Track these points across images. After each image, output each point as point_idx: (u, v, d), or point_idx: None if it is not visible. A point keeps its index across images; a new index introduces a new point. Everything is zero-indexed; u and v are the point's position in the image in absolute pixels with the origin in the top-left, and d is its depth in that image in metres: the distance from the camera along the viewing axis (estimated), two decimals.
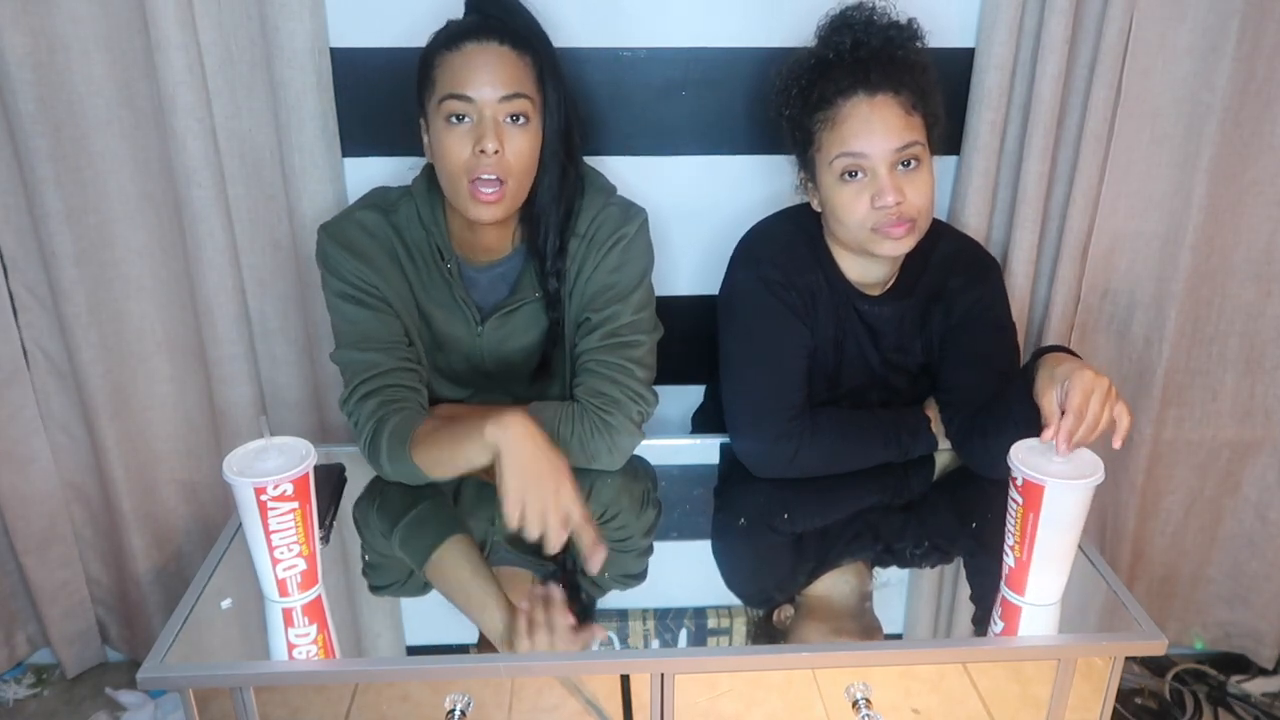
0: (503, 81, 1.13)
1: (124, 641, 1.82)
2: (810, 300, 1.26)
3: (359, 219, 1.24)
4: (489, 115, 1.13)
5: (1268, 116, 1.46)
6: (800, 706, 0.99)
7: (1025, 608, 1.00)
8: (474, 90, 1.12)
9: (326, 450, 1.29)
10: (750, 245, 1.31)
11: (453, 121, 1.14)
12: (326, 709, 0.97)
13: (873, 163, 1.15)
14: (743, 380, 1.26)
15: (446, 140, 1.14)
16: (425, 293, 1.26)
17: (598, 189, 1.28)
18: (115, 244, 1.48)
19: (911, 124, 1.16)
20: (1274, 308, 1.59)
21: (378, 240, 1.23)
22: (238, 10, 1.36)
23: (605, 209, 1.25)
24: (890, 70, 1.16)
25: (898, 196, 1.15)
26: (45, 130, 1.37)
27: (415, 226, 1.24)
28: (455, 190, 1.16)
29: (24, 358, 1.57)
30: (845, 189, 1.18)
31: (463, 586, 1.08)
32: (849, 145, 1.16)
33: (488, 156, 1.12)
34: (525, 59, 1.15)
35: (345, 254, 1.21)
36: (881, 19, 1.20)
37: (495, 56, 1.13)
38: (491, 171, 1.13)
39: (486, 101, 1.12)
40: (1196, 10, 1.40)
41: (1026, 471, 0.95)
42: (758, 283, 1.25)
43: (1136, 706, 1.78)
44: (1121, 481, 1.67)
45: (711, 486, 1.29)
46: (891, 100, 1.15)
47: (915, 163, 1.16)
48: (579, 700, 0.98)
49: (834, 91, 1.17)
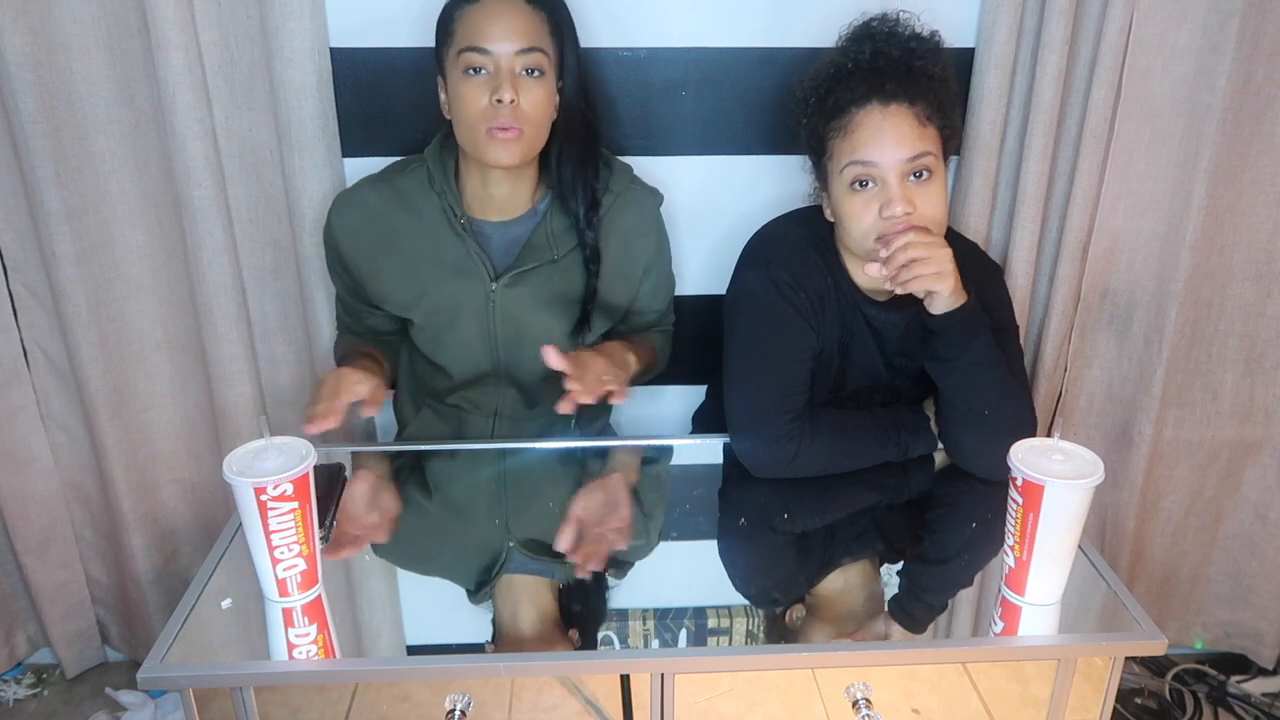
0: (519, 35, 1.18)
1: (124, 641, 1.82)
2: (818, 304, 1.26)
3: (365, 195, 1.31)
4: (505, 67, 1.18)
5: (1268, 116, 1.46)
6: (800, 706, 0.99)
7: (1025, 608, 1.00)
8: (491, 43, 1.17)
9: (326, 450, 1.29)
10: (760, 246, 1.31)
11: (470, 74, 1.19)
12: (326, 709, 0.97)
13: (883, 172, 1.15)
14: (746, 380, 1.26)
15: (464, 90, 1.19)
16: (435, 256, 1.29)
17: (621, 166, 1.36)
18: (115, 244, 1.48)
19: (925, 135, 1.15)
20: (1274, 308, 1.59)
21: (378, 218, 1.29)
22: (238, 10, 1.36)
23: (630, 189, 1.34)
24: (906, 81, 1.16)
25: (906, 207, 1.14)
26: (45, 130, 1.37)
27: (425, 192, 1.29)
28: (473, 138, 1.21)
29: (24, 358, 1.57)
30: (855, 198, 1.18)
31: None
32: (859, 154, 1.16)
33: (504, 106, 1.17)
34: (540, 14, 1.21)
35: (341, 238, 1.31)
36: (905, 30, 1.20)
37: (512, 10, 1.18)
38: (508, 121, 1.19)
39: (503, 53, 1.18)
40: (1196, 10, 1.40)
41: (1026, 471, 0.95)
42: (767, 283, 1.25)
43: (1136, 706, 1.78)
44: (1121, 481, 1.67)
45: (712, 486, 1.29)
46: (906, 111, 1.15)
47: (927, 174, 1.16)
48: (579, 700, 0.98)
49: (849, 100, 1.17)
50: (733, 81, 1.45)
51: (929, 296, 1.18)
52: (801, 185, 1.49)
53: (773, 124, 1.47)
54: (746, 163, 1.50)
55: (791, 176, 1.49)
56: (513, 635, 0.99)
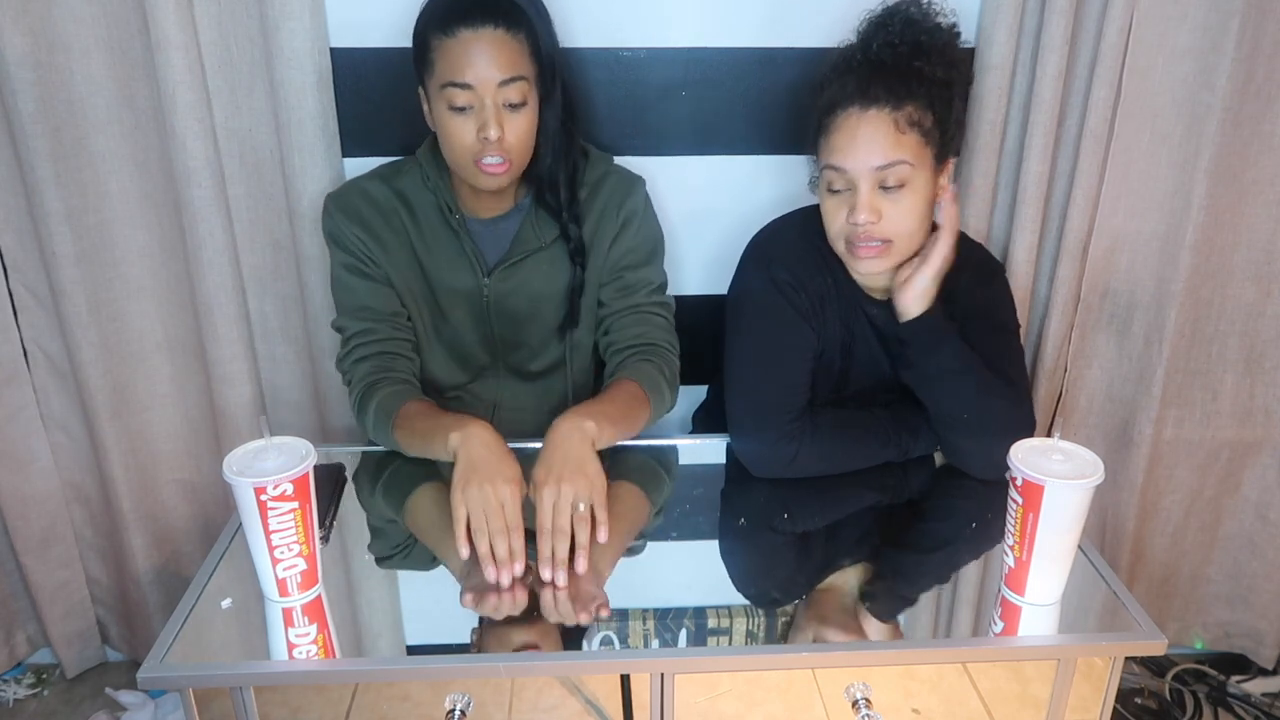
0: (500, 66, 1.17)
1: (124, 641, 1.82)
2: (819, 304, 1.26)
3: (363, 187, 1.30)
4: (490, 101, 1.17)
5: (1268, 116, 1.46)
6: (800, 706, 0.99)
7: (1025, 608, 1.00)
8: (473, 78, 1.16)
9: (326, 450, 1.29)
10: (762, 245, 1.31)
11: (455, 109, 1.18)
12: (326, 709, 0.97)
13: (853, 178, 1.15)
14: (747, 380, 1.26)
15: (450, 125, 1.19)
16: (430, 252, 1.30)
17: (598, 156, 1.35)
18: (115, 244, 1.48)
19: (902, 143, 1.14)
20: (1274, 308, 1.59)
21: (380, 209, 1.29)
22: (238, 10, 1.36)
23: (608, 174, 1.33)
24: (897, 83, 1.14)
25: (870, 216, 1.14)
26: (45, 130, 1.37)
27: (421, 190, 1.30)
28: (461, 167, 1.22)
29: (24, 358, 1.57)
30: (830, 200, 1.19)
31: (433, 528, 1.13)
32: (833, 158, 1.16)
33: (491, 142, 1.17)
34: (519, 37, 1.19)
35: (349, 223, 1.27)
36: (928, 20, 1.19)
37: (490, 42, 1.16)
38: (495, 154, 1.19)
39: (486, 88, 1.17)
40: (1196, 10, 1.40)
41: (1026, 471, 0.95)
42: (768, 283, 1.25)
43: (1136, 706, 1.78)
44: (1121, 481, 1.67)
45: (711, 486, 1.29)
46: (885, 116, 1.13)
47: (901, 185, 1.15)
48: (579, 700, 0.98)
49: (837, 98, 1.17)
50: (732, 82, 1.45)
51: (897, 303, 1.20)
52: (801, 185, 1.49)
53: (772, 124, 1.47)
54: (746, 163, 1.50)
55: (791, 176, 1.49)
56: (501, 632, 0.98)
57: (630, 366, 1.29)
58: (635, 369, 1.28)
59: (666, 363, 1.32)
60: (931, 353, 1.20)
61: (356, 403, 1.26)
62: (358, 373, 1.27)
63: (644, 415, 1.26)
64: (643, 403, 1.25)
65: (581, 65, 1.42)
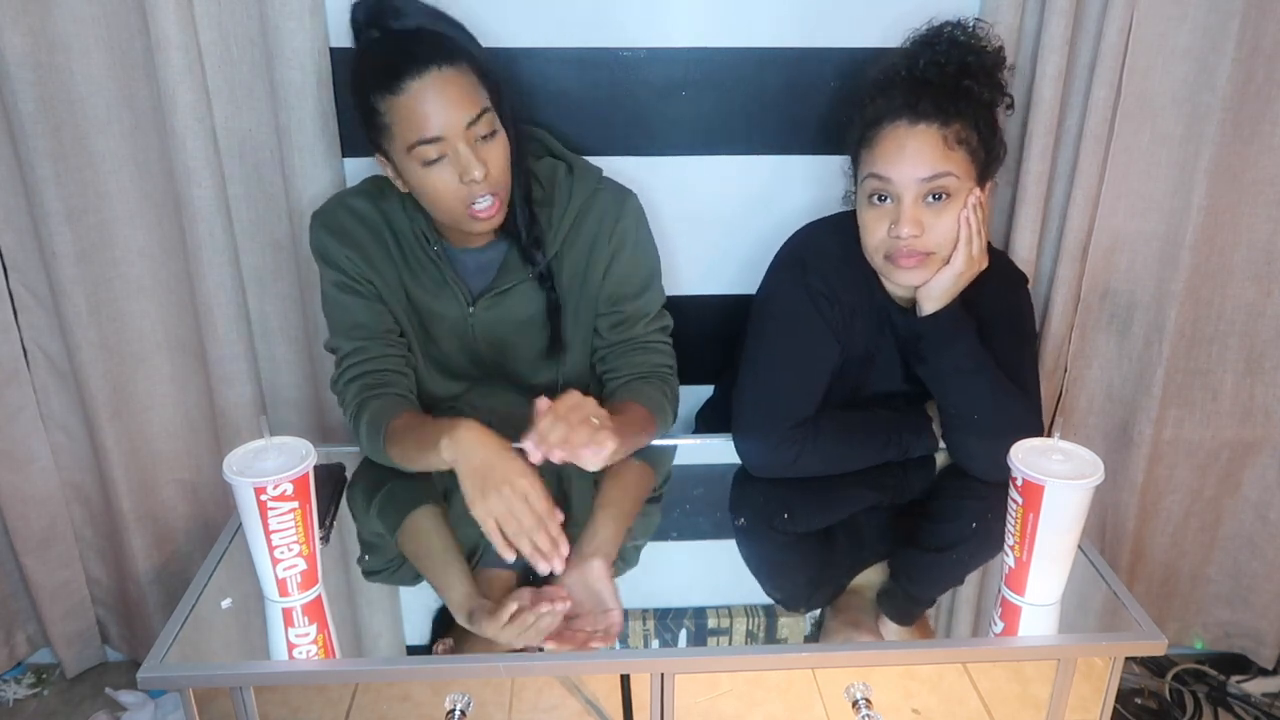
0: (461, 106, 1.11)
1: (124, 641, 1.82)
2: (849, 316, 1.25)
3: (350, 205, 1.27)
4: (463, 146, 1.12)
5: (1268, 117, 1.46)
6: (800, 706, 0.99)
7: (1025, 608, 1.00)
8: (439, 128, 1.11)
9: (326, 450, 1.29)
10: (799, 250, 1.30)
11: (429, 164, 1.13)
12: (326, 709, 0.97)
13: (898, 189, 1.14)
14: (762, 384, 1.25)
15: (430, 181, 1.14)
16: (414, 278, 1.28)
17: (585, 170, 1.30)
18: (115, 244, 1.48)
19: (950, 157, 1.14)
20: (1274, 308, 1.59)
21: (367, 226, 1.26)
22: (238, 10, 1.36)
23: (597, 193, 1.28)
24: (945, 101, 1.14)
25: (914, 229, 1.14)
26: (45, 130, 1.37)
27: (402, 215, 1.26)
28: (455, 219, 1.18)
29: (24, 357, 1.57)
30: (871, 210, 1.18)
31: (428, 555, 1.11)
32: (878, 168, 1.15)
33: (478, 183, 1.13)
34: (463, 68, 1.13)
35: (337, 242, 1.25)
36: (976, 42, 1.19)
37: (441, 85, 1.10)
38: (484, 193, 1.15)
39: (455, 132, 1.12)
40: (1196, 10, 1.40)
41: (1026, 471, 0.95)
42: (801, 290, 1.24)
43: (1136, 706, 1.78)
44: (1121, 481, 1.67)
45: (713, 486, 1.29)
46: (934, 132, 1.13)
47: (945, 196, 1.14)
48: (579, 700, 0.98)
49: (884, 111, 1.16)
50: (733, 82, 1.44)
51: (917, 298, 1.19)
52: (800, 184, 1.49)
53: (772, 124, 1.47)
54: (746, 163, 1.49)
55: (791, 177, 1.49)
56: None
57: (633, 389, 1.29)
58: (638, 391, 1.28)
59: (668, 385, 1.32)
60: (946, 348, 1.20)
61: (350, 423, 1.24)
62: (350, 393, 1.24)
63: (647, 436, 1.27)
64: (648, 423, 1.26)
65: (581, 65, 1.41)
